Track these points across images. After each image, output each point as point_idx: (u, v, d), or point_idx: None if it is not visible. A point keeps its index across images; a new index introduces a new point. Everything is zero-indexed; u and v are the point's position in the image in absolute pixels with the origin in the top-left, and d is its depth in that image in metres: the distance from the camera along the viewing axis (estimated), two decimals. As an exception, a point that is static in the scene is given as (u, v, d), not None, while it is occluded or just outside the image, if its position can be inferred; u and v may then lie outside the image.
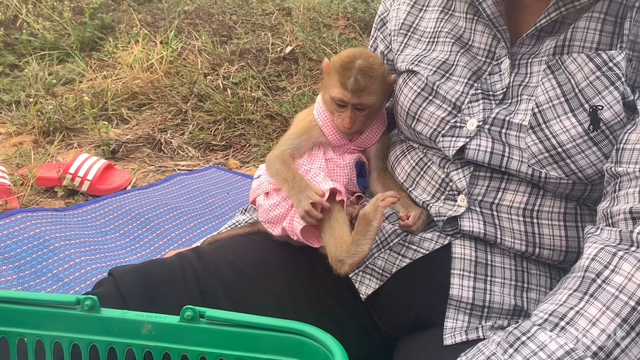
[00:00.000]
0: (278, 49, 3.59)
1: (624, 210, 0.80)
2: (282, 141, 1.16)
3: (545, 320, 0.77)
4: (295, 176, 1.05)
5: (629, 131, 0.86)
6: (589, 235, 0.83)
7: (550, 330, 0.75)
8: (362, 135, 1.14)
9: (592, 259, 0.78)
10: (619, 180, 0.85)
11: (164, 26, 3.91)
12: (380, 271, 1.04)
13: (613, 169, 0.86)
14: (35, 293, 0.80)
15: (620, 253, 0.76)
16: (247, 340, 0.73)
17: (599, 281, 0.76)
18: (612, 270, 0.75)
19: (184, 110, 3.22)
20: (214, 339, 0.74)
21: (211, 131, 3.07)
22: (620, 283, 0.74)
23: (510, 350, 0.76)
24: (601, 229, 0.82)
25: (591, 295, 0.75)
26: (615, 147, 0.87)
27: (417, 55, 1.08)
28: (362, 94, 1.05)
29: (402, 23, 1.14)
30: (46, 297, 0.77)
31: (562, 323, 0.75)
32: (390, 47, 1.18)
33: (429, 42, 1.09)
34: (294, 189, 1.03)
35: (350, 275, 1.08)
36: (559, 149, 0.90)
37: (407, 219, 1.02)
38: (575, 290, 0.77)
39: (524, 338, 0.76)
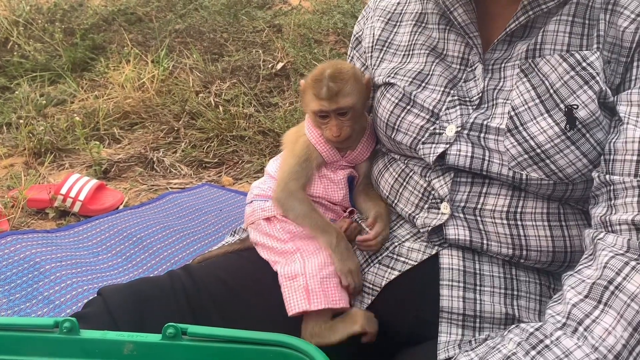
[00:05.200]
0: (269, 66, 3.60)
1: (626, 220, 0.82)
2: (286, 174, 1.11)
3: (564, 324, 0.79)
4: (335, 229, 1.05)
5: (614, 140, 0.87)
6: (597, 241, 0.84)
7: (572, 336, 0.77)
8: (354, 151, 1.14)
9: (604, 267, 0.80)
10: (612, 187, 0.85)
11: (155, 45, 3.92)
12: (371, 286, 1.03)
13: (604, 177, 0.86)
14: (11, 317, 0.79)
15: (633, 263, 0.79)
16: (230, 355, 0.73)
17: (611, 288, 0.78)
18: (624, 279, 0.78)
19: (176, 128, 3.21)
20: (197, 356, 0.73)
21: (203, 149, 3.06)
22: (633, 292, 0.77)
23: (533, 353, 0.77)
24: (605, 233, 0.84)
25: (605, 304, 0.78)
26: (602, 157, 0.89)
27: (393, 68, 1.10)
28: (338, 97, 1.06)
29: (377, 39, 1.15)
30: (23, 322, 0.75)
31: (581, 329, 0.77)
32: (366, 64, 1.19)
33: (404, 54, 1.10)
34: (337, 248, 1.03)
35: None
36: (538, 150, 0.91)
37: (371, 229, 1.05)
38: (587, 297, 0.79)
39: (547, 342, 0.77)
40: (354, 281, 1.01)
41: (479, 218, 0.97)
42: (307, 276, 1.00)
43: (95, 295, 1.05)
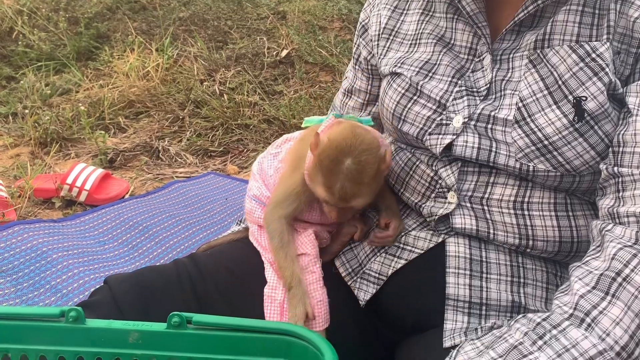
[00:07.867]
0: (274, 53, 3.58)
1: (634, 212, 0.81)
2: (278, 197, 1.05)
3: (571, 315, 0.78)
4: (293, 273, 0.98)
5: (623, 132, 0.86)
6: (605, 233, 0.83)
7: (579, 327, 0.77)
8: None
9: (612, 258, 0.79)
10: (620, 179, 0.85)
11: (159, 34, 3.91)
12: (377, 275, 1.02)
13: (612, 169, 0.86)
14: (17, 307, 0.79)
15: None
16: (235, 344, 0.73)
17: (619, 279, 0.77)
18: (632, 270, 0.77)
19: (181, 117, 3.21)
20: (202, 344, 0.73)
21: (209, 137, 3.06)
22: None
23: (540, 342, 0.77)
24: (613, 225, 0.83)
25: (613, 296, 0.77)
26: (611, 149, 0.88)
27: (399, 57, 1.08)
28: (351, 200, 0.95)
29: (384, 28, 1.13)
30: (29, 311, 0.76)
31: (588, 320, 0.77)
32: (372, 52, 1.17)
33: (411, 44, 1.08)
34: (292, 290, 0.97)
35: (348, 282, 1.07)
36: (545, 142, 0.89)
37: (387, 227, 1.02)
38: (594, 288, 0.79)
39: (554, 332, 0.78)
40: (301, 322, 0.95)
41: (485, 207, 0.96)
42: (285, 292, 0.99)
43: (102, 284, 1.05)
